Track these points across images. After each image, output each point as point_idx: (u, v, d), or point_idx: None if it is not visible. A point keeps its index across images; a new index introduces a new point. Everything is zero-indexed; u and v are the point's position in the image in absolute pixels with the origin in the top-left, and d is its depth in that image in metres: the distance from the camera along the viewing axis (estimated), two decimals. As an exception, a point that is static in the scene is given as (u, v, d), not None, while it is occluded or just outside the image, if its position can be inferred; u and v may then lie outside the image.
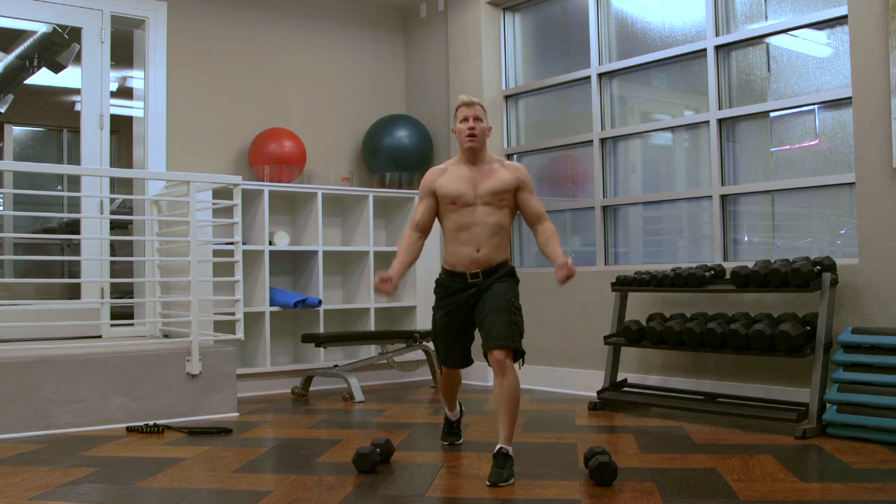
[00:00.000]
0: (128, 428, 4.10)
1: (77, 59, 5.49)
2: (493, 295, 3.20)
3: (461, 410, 3.65)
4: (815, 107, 4.32)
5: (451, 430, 3.63)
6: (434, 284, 3.41)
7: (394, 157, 6.06)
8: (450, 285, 3.32)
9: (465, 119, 3.29)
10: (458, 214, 3.27)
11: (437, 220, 3.40)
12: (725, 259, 4.62)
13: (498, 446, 2.99)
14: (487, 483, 2.89)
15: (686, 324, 4.12)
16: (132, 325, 5.35)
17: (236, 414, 4.51)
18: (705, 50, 4.73)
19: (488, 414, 4.37)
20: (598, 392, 4.54)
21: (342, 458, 3.34)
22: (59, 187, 6.99)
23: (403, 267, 3.32)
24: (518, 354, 3.12)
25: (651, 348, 4.42)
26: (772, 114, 4.50)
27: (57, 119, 7.79)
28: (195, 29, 5.69)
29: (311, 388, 5.42)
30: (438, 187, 3.31)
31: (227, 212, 4.95)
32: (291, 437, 3.88)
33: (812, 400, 3.69)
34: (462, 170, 3.32)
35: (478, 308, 3.24)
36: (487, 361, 3.13)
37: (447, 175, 3.33)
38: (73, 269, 6.70)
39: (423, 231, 3.37)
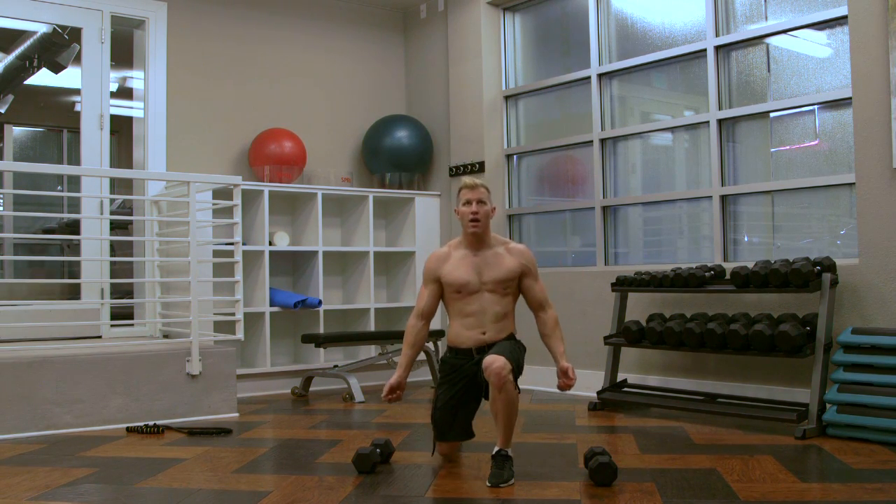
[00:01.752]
0: (128, 428, 4.10)
1: (77, 60, 5.48)
2: (496, 346, 3.18)
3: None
4: (815, 107, 4.32)
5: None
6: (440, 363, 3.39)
7: (394, 157, 6.06)
8: (455, 363, 3.30)
9: (468, 202, 3.22)
10: (464, 302, 3.25)
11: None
12: (725, 259, 4.62)
13: (497, 448, 2.99)
14: (488, 483, 2.89)
15: (686, 324, 4.12)
16: (132, 325, 5.35)
17: (236, 414, 4.51)
18: (705, 50, 4.73)
19: (488, 414, 4.36)
20: (598, 392, 4.54)
21: (342, 459, 3.34)
22: (59, 188, 6.99)
23: (411, 363, 3.32)
24: (515, 376, 3.04)
25: (651, 349, 4.42)
26: (772, 114, 4.50)
27: (57, 119, 7.79)
28: (195, 29, 5.69)
29: (311, 389, 5.42)
30: (443, 275, 3.27)
31: (227, 212, 4.95)
32: (291, 438, 3.88)
33: (812, 400, 3.69)
34: (466, 256, 3.27)
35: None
36: (487, 383, 3.05)
37: (451, 262, 3.28)
38: (73, 270, 6.69)
39: (428, 318, 3.34)
